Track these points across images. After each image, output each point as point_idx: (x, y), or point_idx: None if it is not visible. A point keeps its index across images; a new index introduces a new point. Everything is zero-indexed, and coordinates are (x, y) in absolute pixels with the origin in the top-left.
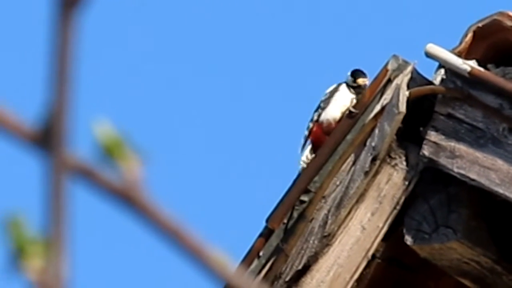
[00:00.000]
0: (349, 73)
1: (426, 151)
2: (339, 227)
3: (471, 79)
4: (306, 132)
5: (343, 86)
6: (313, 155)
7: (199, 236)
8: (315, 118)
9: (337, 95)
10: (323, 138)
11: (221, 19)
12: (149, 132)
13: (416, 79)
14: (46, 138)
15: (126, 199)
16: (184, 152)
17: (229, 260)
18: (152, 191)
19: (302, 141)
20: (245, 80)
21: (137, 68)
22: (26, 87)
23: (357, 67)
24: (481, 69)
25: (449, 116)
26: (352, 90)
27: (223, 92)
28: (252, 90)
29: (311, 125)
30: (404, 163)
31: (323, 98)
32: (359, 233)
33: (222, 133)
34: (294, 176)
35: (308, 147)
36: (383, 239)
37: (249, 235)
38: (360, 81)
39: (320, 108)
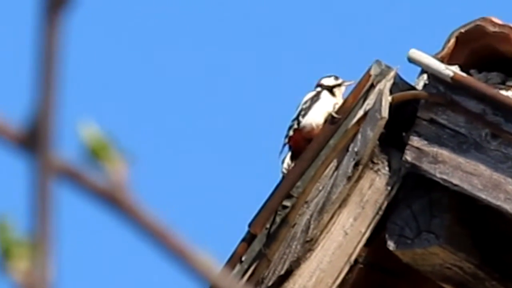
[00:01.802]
0: (325, 80)
1: (408, 156)
2: (321, 232)
3: (454, 84)
4: (285, 140)
5: (325, 92)
6: (294, 162)
7: (184, 238)
8: (295, 125)
9: (319, 102)
10: (304, 144)
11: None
12: (135, 134)
13: (399, 84)
14: (32, 140)
15: (112, 200)
16: (169, 155)
17: (214, 262)
18: (137, 193)
19: (280, 148)
20: (228, 85)
21: (123, 70)
22: (12, 89)
23: (328, 74)
24: (464, 74)
25: (432, 121)
26: (333, 92)
27: (207, 97)
28: (234, 96)
29: (291, 132)
30: (387, 168)
31: (303, 106)
32: (342, 238)
33: (206, 137)
34: (277, 182)
35: (288, 155)
36: (365, 244)
37: (231, 240)
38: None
39: (301, 115)
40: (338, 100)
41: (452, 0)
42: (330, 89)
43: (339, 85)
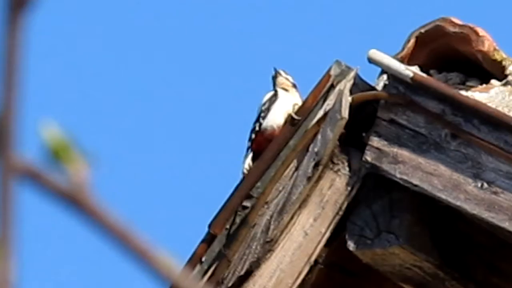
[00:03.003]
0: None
1: (368, 156)
2: (281, 232)
3: (414, 84)
4: (248, 143)
5: (281, 91)
6: (254, 163)
7: (145, 239)
8: (257, 128)
9: (277, 102)
10: (266, 146)
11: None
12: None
13: (359, 85)
14: None
15: (74, 201)
16: (129, 155)
17: (174, 262)
18: (99, 194)
19: (245, 151)
20: (188, 83)
21: (84, 70)
22: None
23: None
24: (424, 74)
25: (392, 121)
26: (285, 88)
27: (167, 95)
28: (195, 94)
29: (253, 135)
30: (347, 168)
31: (263, 108)
32: (302, 238)
33: (166, 137)
34: (237, 182)
35: (249, 156)
36: (325, 245)
37: (191, 241)
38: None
39: (261, 117)
40: (297, 98)
41: (412, 0)
42: (281, 86)
43: (275, 77)
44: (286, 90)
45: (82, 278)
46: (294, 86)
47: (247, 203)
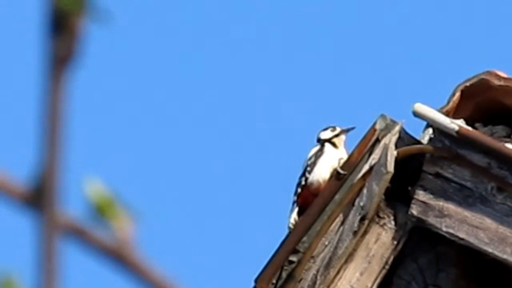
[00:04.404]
0: (323, 133)
1: (414, 210)
2: (328, 287)
3: (459, 138)
4: (295, 197)
5: (328, 146)
6: (300, 217)
7: None
8: (303, 182)
9: (323, 156)
10: (312, 200)
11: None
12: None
13: (404, 139)
14: (38, 198)
15: (119, 257)
16: (174, 211)
17: None
18: (143, 250)
19: (291, 206)
20: (232, 140)
21: (127, 127)
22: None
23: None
24: (469, 128)
25: (438, 175)
26: (334, 143)
27: (212, 153)
28: (238, 150)
29: (299, 189)
30: (393, 222)
31: (308, 162)
32: None
33: (212, 191)
34: (283, 237)
35: (295, 210)
36: None
37: None
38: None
39: (307, 171)
40: (341, 151)
41: (457, 54)
42: (330, 142)
43: (337, 135)
44: (335, 145)
45: None
46: (336, 136)
47: (293, 258)
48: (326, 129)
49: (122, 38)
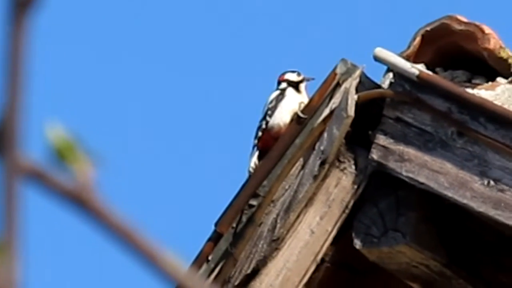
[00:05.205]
0: (290, 75)
1: (374, 154)
2: (288, 231)
3: (420, 82)
4: (255, 141)
5: (290, 89)
6: (260, 161)
7: (151, 239)
8: (263, 126)
9: (284, 100)
10: (273, 144)
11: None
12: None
13: (365, 83)
14: None
15: (79, 201)
16: (134, 155)
17: (180, 261)
18: (104, 194)
19: (251, 149)
20: (195, 82)
21: (89, 71)
22: None
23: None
24: (430, 72)
25: (398, 119)
26: (298, 88)
27: (172, 94)
28: (200, 94)
29: (259, 133)
30: (353, 166)
31: (269, 106)
32: (308, 237)
33: (172, 136)
34: (243, 181)
35: (256, 154)
36: (332, 243)
37: (197, 240)
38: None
39: (268, 115)
40: (303, 97)
41: None
42: (296, 85)
43: (301, 81)
44: (294, 87)
45: (87, 278)
46: (301, 82)
47: (253, 202)
48: (293, 71)
49: None
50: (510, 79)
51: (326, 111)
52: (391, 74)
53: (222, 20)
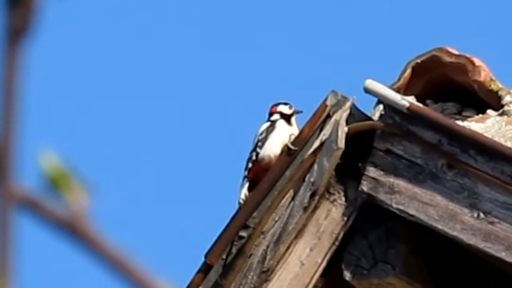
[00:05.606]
0: (283, 107)
1: (364, 186)
2: (278, 262)
3: (410, 114)
4: (245, 172)
5: (281, 121)
6: (250, 192)
7: (143, 267)
8: (254, 157)
9: (275, 132)
10: (263, 176)
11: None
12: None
13: (355, 115)
14: None
15: (72, 230)
16: (128, 185)
17: None
18: (97, 222)
19: (241, 181)
20: (186, 113)
21: (82, 99)
22: None
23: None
24: (420, 104)
25: (388, 151)
26: (290, 121)
27: (162, 127)
28: (189, 126)
29: (250, 164)
30: (343, 198)
31: (260, 137)
32: (298, 268)
33: (164, 167)
34: (233, 212)
35: (246, 185)
36: (322, 275)
37: (188, 271)
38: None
39: (258, 146)
40: (294, 129)
41: (408, 30)
42: (287, 118)
43: (293, 114)
44: (290, 122)
45: None
46: (292, 115)
47: (243, 233)
48: (285, 104)
49: (78, 10)
50: (500, 111)
51: (317, 143)
52: (381, 106)
53: (212, 50)
